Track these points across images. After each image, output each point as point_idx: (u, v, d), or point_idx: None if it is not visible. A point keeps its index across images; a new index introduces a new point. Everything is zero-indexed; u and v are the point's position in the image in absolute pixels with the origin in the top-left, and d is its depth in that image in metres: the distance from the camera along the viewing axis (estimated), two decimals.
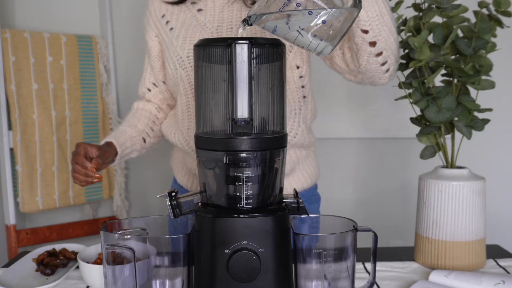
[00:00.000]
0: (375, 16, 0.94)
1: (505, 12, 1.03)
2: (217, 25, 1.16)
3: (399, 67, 1.10)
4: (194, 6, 1.19)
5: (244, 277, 0.74)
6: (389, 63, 1.02)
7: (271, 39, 0.77)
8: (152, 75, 1.29)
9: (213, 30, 1.15)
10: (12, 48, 1.91)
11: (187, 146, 1.20)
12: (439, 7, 1.03)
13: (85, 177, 1.05)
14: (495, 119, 1.23)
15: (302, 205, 0.82)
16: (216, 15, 1.16)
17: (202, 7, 1.18)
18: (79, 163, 1.05)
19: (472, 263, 1.05)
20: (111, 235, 0.79)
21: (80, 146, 1.09)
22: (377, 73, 1.04)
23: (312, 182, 1.29)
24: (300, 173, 1.26)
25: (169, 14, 1.21)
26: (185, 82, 1.17)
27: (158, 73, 1.27)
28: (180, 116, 1.20)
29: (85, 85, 2.14)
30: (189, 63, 1.15)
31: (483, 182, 1.06)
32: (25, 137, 1.95)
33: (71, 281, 1.01)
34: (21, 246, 1.97)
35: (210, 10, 1.17)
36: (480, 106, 1.04)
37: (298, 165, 1.24)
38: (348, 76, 1.13)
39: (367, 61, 1.01)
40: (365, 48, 0.98)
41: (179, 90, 1.19)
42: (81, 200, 2.14)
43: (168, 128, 1.26)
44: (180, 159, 1.30)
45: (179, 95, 1.20)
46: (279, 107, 0.78)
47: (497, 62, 1.16)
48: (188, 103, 1.18)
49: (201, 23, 1.17)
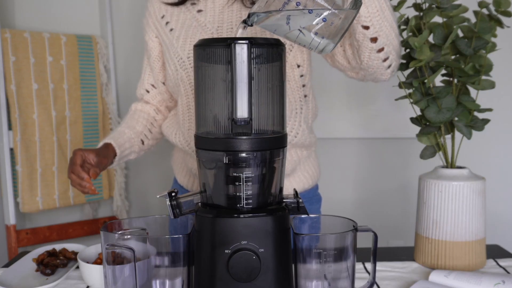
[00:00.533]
0: (375, 12, 0.94)
1: (505, 12, 1.03)
2: (217, 25, 1.16)
3: (400, 67, 1.10)
4: (194, 7, 1.19)
5: (244, 277, 0.74)
6: (391, 58, 1.02)
7: (271, 39, 0.77)
8: (151, 76, 1.29)
9: (214, 31, 1.15)
10: (12, 48, 1.91)
11: (187, 147, 1.20)
12: (439, 7, 1.03)
13: (81, 188, 1.05)
14: (495, 119, 1.23)
15: (302, 205, 0.82)
16: (216, 16, 1.16)
17: (202, 8, 1.18)
18: (75, 173, 1.05)
19: (472, 263, 1.05)
20: (111, 235, 0.79)
21: (77, 154, 1.08)
22: (379, 69, 1.04)
23: (313, 183, 1.29)
24: (301, 173, 1.26)
25: (169, 15, 1.21)
26: (186, 83, 1.17)
27: (158, 74, 1.27)
28: (181, 117, 1.20)
29: (85, 85, 2.14)
30: (189, 63, 1.15)
31: (483, 182, 1.06)
32: (25, 137, 1.95)
33: (71, 281, 1.01)
34: (21, 246, 1.97)
35: (210, 11, 1.17)
36: (480, 106, 1.04)
37: (299, 165, 1.24)
38: (350, 73, 1.13)
39: (368, 58, 1.01)
40: (367, 44, 0.98)
41: (179, 91, 1.19)
42: (81, 200, 2.14)
43: (169, 129, 1.26)
44: (181, 159, 1.30)
45: (180, 96, 1.20)
46: (279, 107, 0.78)
47: (497, 62, 1.16)
48: (189, 103, 1.18)
49: (201, 24, 1.17)
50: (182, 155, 1.29)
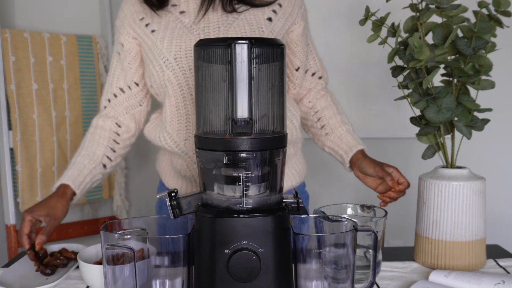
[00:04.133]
0: None
1: (505, 12, 1.02)
2: (203, 26, 1.15)
3: (393, 73, 1.11)
4: (176, 8, 1.18)
5: (244, 277, 0.74)
6: None
7: (271, 39, 0.77)
8: (121, 79, 1.25)
9: (200, 32, 1.14)
10: (12, 48, 1.91)
11: (176, 148, 1.19)
12: (439, 7, 1.03)
13: None
14: (495, 119, 1.23)
15: (302, 205, 0.82)
16: (200, 16, 1.16)
17: (185, 9, 1.17)
18: (22, 244, 1.10)
19: (472, 263, 1.05)
20: (111, 235, 0.79)
21: (25, 220, 1.12)
22: None
23: (300, 180, 1.30)
24: (289, 170, 1.26)
25: (149, 17, 1.19)
26: (174, 84, 1.16)
27: (134, 74, 1.24)
28: (169, 118, 1.18)
29: (85, 85, 2.14)
30: (177, 64, 1.14)
31: (483, 182, 1.06)
32: (25, 137, 1.95)
33: (71, 281, 1.01)
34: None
35: (193, 12, 1.16)
36: (480, 106, 1.04)
37: (286, 162, 1.24)
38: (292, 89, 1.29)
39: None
40: None
41: (167, 92, 1.17)
42: (81, 200, 2.14)
43: (152, 133, 1.24)
44: (167, 162, 1.29)
45: (168, 97, 1.17)
46: (279, 107, 0.78)
47: (497, 62, 1.16)
48: (178, 104, 1.16)
49: (186, 25, 1.15)
50: (169, 157, 1.28)
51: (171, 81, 1.15)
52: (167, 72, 1.15)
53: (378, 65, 2.07)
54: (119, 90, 1.26)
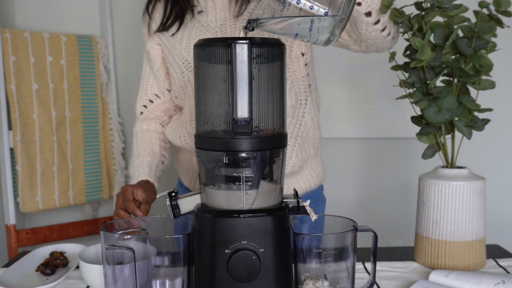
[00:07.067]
0: None
1: (505, 12, 1.02)
2: (220, 23, 1.16)
3: (403, 68, 1.10)
4: (194, 9, 1.19)
5: (244, 277, 0.74)
6: (389, 27, 1.06)
7: (271, 39, 0.77)
8: (155, 86, 1.28)
9: (217, 30, 1.15)
10: (12, 48, 1.91)
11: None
12: (440, 6, 1.03)
13: None
14: (495, 119, 1.23)
15: (302, 205, 0.82)
16: (218, 14, 1.16)
17: (203, 9, 1.18)
18: (130, 210, 1.04)
19: (472, 263, 1.05)
20: (111, 235, 0.79)
21: (128, 190, 1.07)
22: (379, 39, 1.08)
23: (318, 182, 1.30)
24: (308, 172, 1.26)
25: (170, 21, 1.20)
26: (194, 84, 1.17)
27: (164, 81, 1.26)
28: (189, 118, 1.20)
29: (85, 85, 2.14)
30: None
31: (483, 182, 1.06)
32: (25, 137, 1.95)
33: (71, 281, 1.01)
34: (21, 246, 1.97)
35: (211, 10, 1.17)
36: (480, 106, 1.04)
37: (306, 163, 1.24)
38: (353, 47, 1.16)
39: (366, 30, 1.05)
40: (362, 19, 1.02)
41: (187, 92, 1.19)
42: (81, 200, 2.14)
43: (172, 133, 1.26)
44: (187, 161, 1.30)
45: (188, 97, 1.19)
46: (279, 107, 0.78)
47: (497, 62, 1.15)
48: None
49: (203, 24, 1.16)
50: (188, 157, 1.29)
51: (190, 81, 1.17)
52: (187, 73, 1.16)
53: (378, 65, 2.07)
54: (154, 96, 1.28)
